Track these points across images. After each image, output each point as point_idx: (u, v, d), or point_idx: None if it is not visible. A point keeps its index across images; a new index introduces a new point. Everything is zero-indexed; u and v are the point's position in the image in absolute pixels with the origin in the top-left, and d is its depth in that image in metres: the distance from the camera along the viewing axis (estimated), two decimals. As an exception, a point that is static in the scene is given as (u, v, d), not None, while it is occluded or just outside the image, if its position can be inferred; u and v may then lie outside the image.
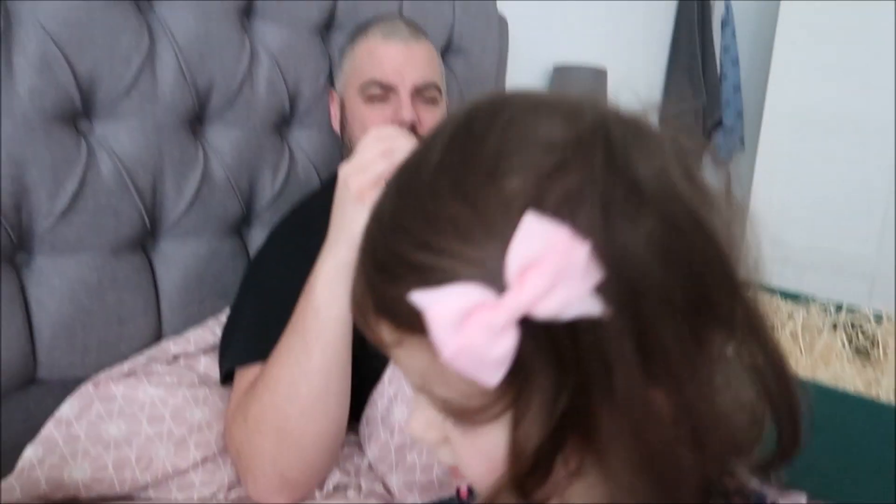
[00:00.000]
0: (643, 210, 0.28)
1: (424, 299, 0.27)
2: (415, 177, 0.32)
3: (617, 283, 0.27)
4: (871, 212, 2.39)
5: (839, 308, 1.34)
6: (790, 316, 1.28)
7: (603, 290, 0.27)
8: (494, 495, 0.32)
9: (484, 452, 0.32)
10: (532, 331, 0.27)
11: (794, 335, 1.21)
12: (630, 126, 0.31)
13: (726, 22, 2.97)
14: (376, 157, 0.71)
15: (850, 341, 1.28)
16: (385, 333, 0.32)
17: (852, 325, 1.31)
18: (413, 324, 0.28)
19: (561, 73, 2.02)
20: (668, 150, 0.31)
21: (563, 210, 0.27)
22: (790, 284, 2.46)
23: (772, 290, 1.35)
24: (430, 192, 0.30)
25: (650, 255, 0.28)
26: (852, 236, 2.44)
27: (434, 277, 0.28)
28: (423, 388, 0.33)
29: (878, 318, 1.31)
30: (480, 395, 0.29)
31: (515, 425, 0.30)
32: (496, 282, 0.27)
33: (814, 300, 1.37)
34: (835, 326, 1.30)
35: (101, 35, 0.83)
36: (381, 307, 0.31)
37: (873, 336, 1.29)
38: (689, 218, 0.29)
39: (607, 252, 0.27)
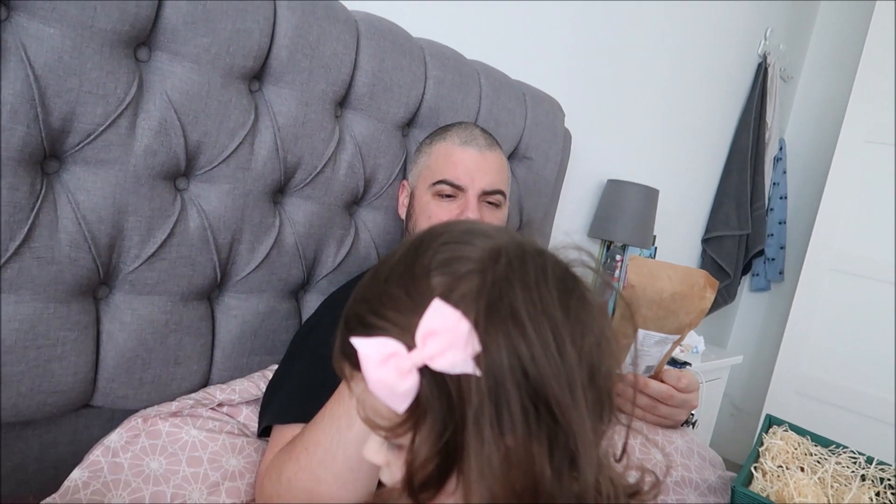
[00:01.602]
0: (512, 323, 0.40)
1: (358, 343, 0.40)
2: (381, 269, 0.46)
3: (490, 364, 0.39)
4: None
5: (870, 461, 1.32)
6: (820, 462, 1.27)
7: (477, 360, 0.39)
8: (390, 492, 0.45)
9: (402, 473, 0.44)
10: (432, 378, 0.40)
11: (822, 481, 1.19)
12: (525, 262, 0.43)
13: (779, 158, 3.04)
14: None
15: (877, 495, 1.26)
16: (346, 371, 0.46)
17: (881, 480, 1.29)
18: (355, 363, 0.42)
19: (614, 187, 2.09)
20: (551, 285, 0.42)
21: (460, 303, 0.40)
22: (818, 422, 2.41)
23: (802, 432, 1.34)
24: (386, 279, 0.44)
25: (513, 355, 0.40)
26: (884, 385, 2.39)
27: (374, 332, 0.41)
28: (364, 417, 0.45)
29: (908, 478, 1.29)
30: (396, 418, 0.42)
31: (411, 443, 0.42)
32: (409, 341, 0.40)
33: (845, 448, 1.35)
34: (863, 478, 1.28)
35: (214, 109, 0.92)
36: (343, 351, 0.44)
37: (901, 495, 1.26)
38: (547, 339, 0.40)
39: (482, 337, 0.39)
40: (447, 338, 0.38)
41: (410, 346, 0.40)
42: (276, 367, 1.04)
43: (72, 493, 0.79)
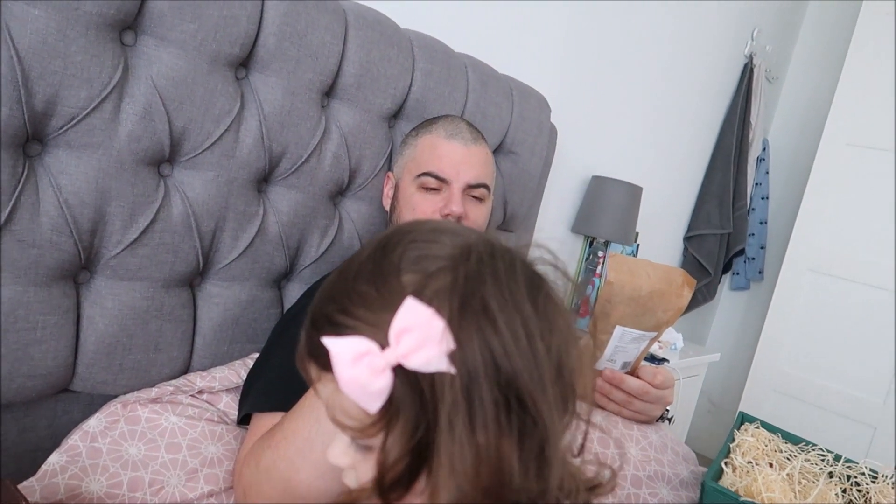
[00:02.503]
0: (484, 318, 0.40)
1: (330, 343, 0.40)
2: (349, 268, 0.45)
3: (463, 360, 0.39)
4: (880, 364, 2.40)
5: (837, 458, 1.35)
6: (789, 458, 1.29)
7: (452, 357, 0.39)
8: (359, 492, 0.46)
9: (370, 474, 0.44)
10: (404, 376, 0.39)
11: (790, 477, 1.22)
12: (494, 258, 0.43)
13: (762, 158, 3.08)
14: None
15: (843, 492, 1.29)
16: (312, 372, 0.45)
17: (848, 478, 1.32)
18: (323, 363, 0.42)
19: (598, 183, 2.10)
20: (520, 282, 0.43)
21: (433, 300, 0.40)
22: (793, 419, 2.45)
23: (773, 429, 1.37)
24: (354, 278, 0.44)
25: (485, 350, 0.40)
26: (860, 383, 2.44)
27: (344, 331, 0.41)
28: (333, 418, 0.44)
29: (874, 477, 1.32)
30: (367, 418, 0.41)
31: (383, 442, 0.42)
32: (382, 339, 0.39)
33: (814, 446, 1.38)
34: (831, 475, 1.31)
35: (200, 96, 0.92)
36: (310, 352, 0.44)
37: (867, 492, 1.29)
38: (518, 333, 0.41)
39: (458, 336, 0.39)
40: (421, 335, 0.38)
41: (383, 344, 0.39)
42: (256, 355, 1.04)
43: (49, 477, 0.79)
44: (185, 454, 0.87)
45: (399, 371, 0.39)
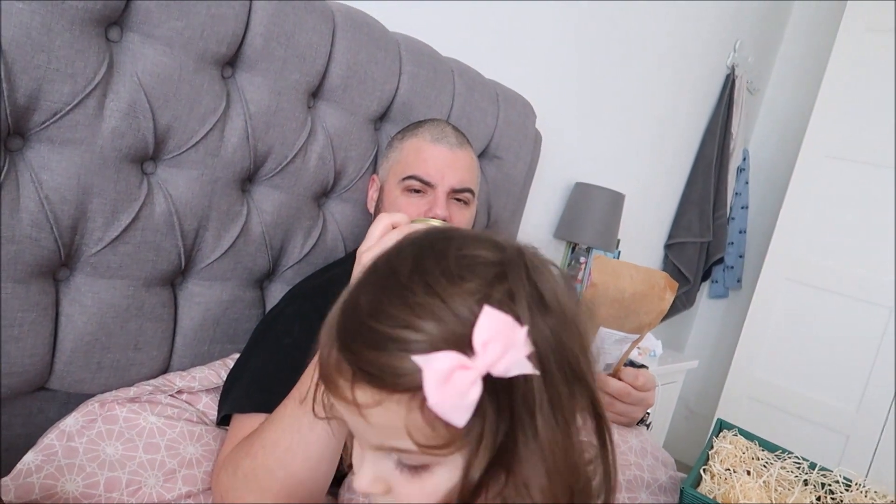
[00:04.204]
0: (546, 312, 0.42)
1: (421, 361, 0.38)
2: (392, 279, 0.43)
3: (538, 355, 0.41)
4: (854, 374, 2.44)
5: (812, 466, 1.37)
6: (766, 466, 1.31)
7: (531, 358, 0.39)
8: None
9: (428, 492, 0.44)
10: (488, 384, 0.39)
11: (767, 485, 1.23)
12: (535, 256, 0.46)
13: (742, 168, 3.12)
14: (393, 232, 0.77)
15: (818, 500, 1.31)
16: (361, 395, 0.41)
17: (822, 486, 1.34)
18: (395, 384, 0.40)
19: (582, 190, 2.12)
20: (556, 275, 0.46)
21: (504, 305, 0.40)
22: (769, 426, 2.48)
23: (751, 437, 1.38)
24: (409, 289, 0.41)
25: (552, 340, 0.42)
26: (833, 392, 2.48)
27: (416, 347, 0.39)
28: (381, 445, 0.43)
29: (848, 485, 1.34)
30: (447, 434, 0.40)
31: (470, 458, 0.41)
32: (465, 350, 0.38)
33: (789, 454, 1.40)
34: (806, 483, 1.33)
35: (185, 94, 0.92)
36: (362, 373, 0.41)
37: (840, 500, 1.31)
38: (570, 320, 0.44)
39: (532, 334, 0.40)
40: (504, 342, 0.38)
41: (468, 355, 0.38)
42: (237, 355, 1.04)
43: (24, 476, 0.78)
44: (163, 454, 0.86)
45: (483, 379, 0.39)
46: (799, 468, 1.36)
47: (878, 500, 1.26)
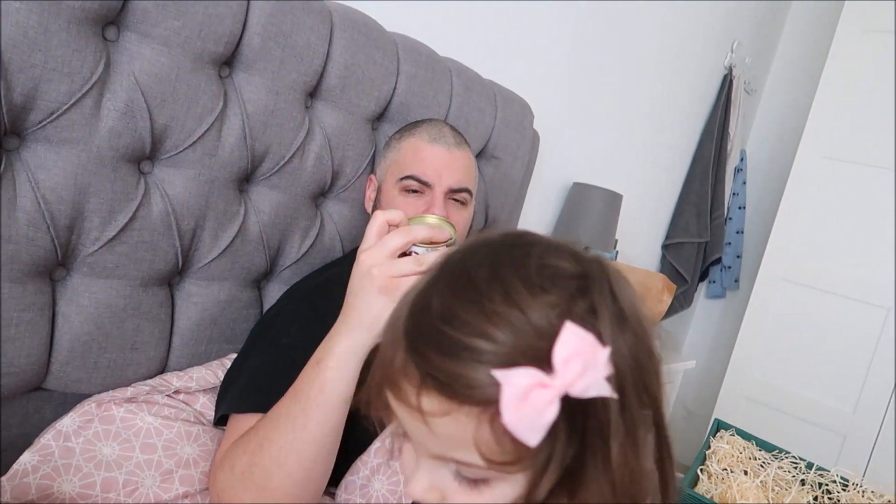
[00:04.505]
0: (625, 327, 0.40)
1: (501, 376, 0.36)
2: (468, 282, 0.40)
3: (617, 376, 0.38)
4: (851, 374, 2.44)
5: (810, 466, 1.38)
6: (763, 466, 1.31)
7: (610, 380, 0.37)
8: None
9: None
10: (562, 404, 0.36)
11: (764, 485, 1.24)
12: (615, 269, 0.44)
13: (739, 169, 3.13)
14: (393, 233, 0.78)
15: (815, 499, 1.31)
16: (428, 403, 0.39)
17: (819, 485, 1.34)
18: (467, 396, 0.37)
19: (579, 190, 2.12)
20: (633, 290, 0.43)
21: (585, 321, 0.38)
22: (766, 426, 2.49)
23: (748, 437, 1.39)
24: (486, 296, 0.39)
25: (630, 360, 0.40)
26: (830, 392, 2.49)
27: (491, 359, 0.37)
28: (442, 455, 0.41)
29: (845, 484, 1.35)
30: (508, 454, 0.38)
31: (535, 478, 0.39)
32: (542, 365, 0.36)
33: (787, 454, 1.40)
34: (803, 483, 1.33)
35: (183, 93, 0.91)
36: (431, 380, 0.38)
37: (837, 499, 1.32)
38: (647, 339, 0.42)
39: (612, 354, 0.37)
40: (584, 361, 0.36)
41: (547, 372, 0.36)
42: (234, 355, 1.04)
43: (20, 476, 0.78)
44: (160, 455, 0.86)
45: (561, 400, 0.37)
46: (796, 468, 1.36)
47: (875, 500, 1.27)
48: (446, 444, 0.40)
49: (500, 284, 0.39)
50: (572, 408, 0.37)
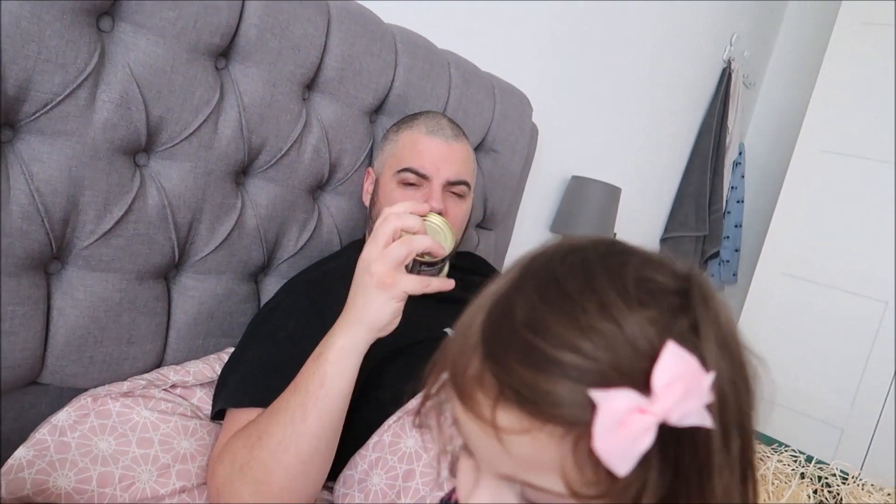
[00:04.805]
0: (723, 350, 0.35)
1: (598, 397, 0.32)
2: (558, 290, 0.36)
3: (717, 404, 0.34)
4: (849, 368, 2.45)
5: (809, 459, 1.38)
6: (762, 460, 1.31)
7: (710, 408, 0.33)
8: None
9: None
10: (662, 431, 0.33)
11: (763, 478, 1.24)
12: (711, 286, 0.39)
13: (738, 163, 3.12)
14: (396, 244, 0.77)
15: (815, 493, 1.31)
16: (505, 418, 0.34)
17: (819, 479, 1.35)
18: (552, 415, 0.33)
19: (578, 183, 2.11)
20: (729, 307, 0.38)
21: (687, 341, 0.34)
22: (763, 419, 2.50)
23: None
24: (579, 306, 0.35)
25: (729, 388, 0.35)
26: (828, 386, 2.49)
27: (583, 377, 0.33)
28: (513, 477, 0.37)
29: (845, 478, 1.35)
30: (592, 483, 0.34)
31: None
32: (643, 390, 0.32)
33: (786, 448, 1.40)
34: (802, 476, 1.33)
35: (179, 85, 0.91)
36: (512, 393, 0.34)
37: (837, 493, 1.32)
38: (745, 364, 0.38)
39: (715, 380, 0.33)
40: (685, 387, 0.32)
41: (645, 395, 0.33)
42: (231, 349, 1.03)
43: (15, 471, 0.77)
44: (157, 449, 0.85)
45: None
46: (796, 461, 1.36)
47: (874, 493, 1.27)
48: (519, 465, 0.36)
49: (594, 295, 0.35)
50: (665, 436, 0.33)
